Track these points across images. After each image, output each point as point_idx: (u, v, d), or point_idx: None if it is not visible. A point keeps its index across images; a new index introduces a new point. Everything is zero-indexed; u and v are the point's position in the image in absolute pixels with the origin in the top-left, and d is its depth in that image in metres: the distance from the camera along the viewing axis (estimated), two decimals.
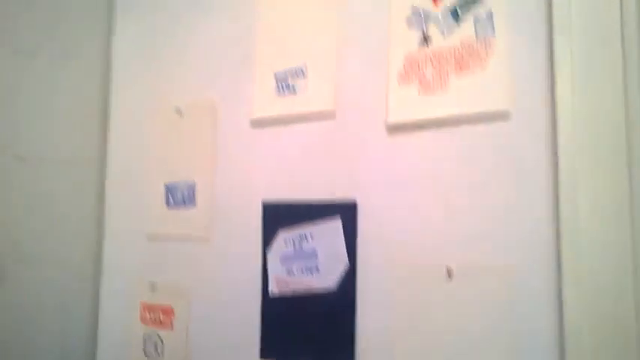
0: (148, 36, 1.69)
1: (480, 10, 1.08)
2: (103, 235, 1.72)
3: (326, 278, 1.23)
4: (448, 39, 1.11)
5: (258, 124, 1.41)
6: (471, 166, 1.09)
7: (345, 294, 1.20)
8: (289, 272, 1.29)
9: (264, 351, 1.32)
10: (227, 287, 1.41)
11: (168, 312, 1.52)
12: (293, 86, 1.35)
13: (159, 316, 1.54)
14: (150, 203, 1.61)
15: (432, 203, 1.12)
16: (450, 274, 1.07)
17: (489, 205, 1.06)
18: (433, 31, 1.13)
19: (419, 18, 1.15)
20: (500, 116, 1.05)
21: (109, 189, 1.74)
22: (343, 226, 1.21)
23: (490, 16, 1.07)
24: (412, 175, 1.15)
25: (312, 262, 1.25)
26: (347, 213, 1.21)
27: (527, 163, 1.03)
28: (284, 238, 1.31)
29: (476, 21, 1.08)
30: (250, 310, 1.34)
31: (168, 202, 1.57)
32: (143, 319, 1.57)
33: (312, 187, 1.29)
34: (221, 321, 1.41)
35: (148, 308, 1.56)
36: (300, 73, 1.34)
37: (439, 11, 1.13)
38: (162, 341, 1.52)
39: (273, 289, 1.31)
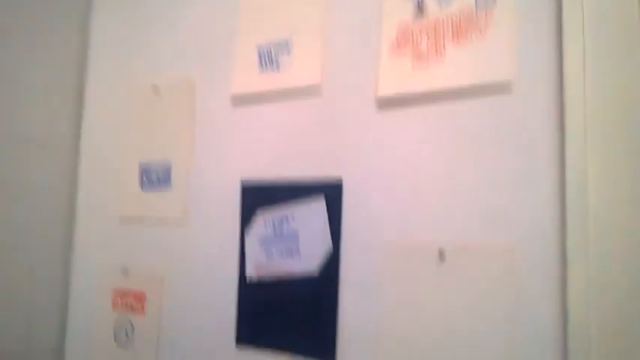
0: (128, 11, 1.62)
1: None
2: (75, 218, 1.64)
3: (307, 262, 1.16)
4: (445, 9, 1.05)
5: (239, 101, 1.33)
6: (467, 141, 1.02)
7: (328, 278, 1.13)
8: (268, 255, 1.22)
9: (240, 338, 1.24)
10: (202, 271, 1.33)
11: (140, 297, 1.44)
12: (277, 62, 1.28)
13: (131, 301, 1.46)
14: (123, 185, 1.53)
15: (424, 181, 1.06)
16: (442, 255, 1.01)
17: (488, 182, 0.99)
18: (429, 0, 1.06)
19: None
20: (501, 88, 0.98)
21: (81, 170, 1.66)
22: (327, 207, 1.15)
23: None
24: (403, 152, 1.09)
25: (293, 245, 1.18)
26: (332, 192, 1.15)
27: (531, 138, 0.96)
28: (264, 220, 1.23)
29: None
30: (226, 295, 1.27)
31: (142, 184, 1.49)
32: (114, 305, 1.49)
33: (295, 166, 1.22)
34: (195, 306, 1.33)
35: (120, 294, 1.49)
36: (284, 46, 1.27)
37: None
38: (133, 327, 1.44)
39: (251, 273, 1.24)
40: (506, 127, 0.98)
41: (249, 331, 1.23)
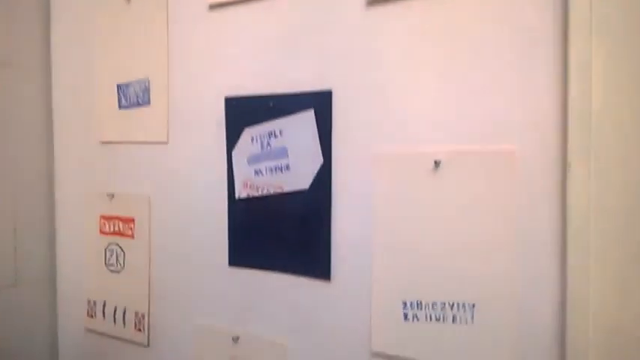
0: None
1: None
2: (53, 145, 1.57)
3: (298, 178, 1.12)
4: None
5: (217, 8, 1.23)
6: (463, 38, 0.95)
7: (320, 193, 1.09)
8: (257, 173, 1.17)
9: (233, 258, 1.23)
10: (190, 193, 1.29)
11: (128, 221, 1.41)
12: None
13: (119, 226, 1.43)
14: (101, 106, 1.46)
15: (419, 85, 0.99)
16: (437, 163, 0.97)
17: (486, 82, 0.93)
18: None
19: None
20: None
21: (55, 94, 1.57)
22: (316, 119, 1.09)
23: None
24: (395, 55, 1.01)
25: (282, 161, 1.14)
26: (321, 103, 1.08)
27: (531, 31, 0.89)
28: (250, 136, 1.18)
29: None
30: (216, 216, 1.24)
31: (120, 104, 1.41)
32: (102, 231, 1.46)
33: (280, 77, 1.14)
34: (185, 228, 1.31)
35: (107, 219, 1.45)
36: None
37: None
38: (123, 251, 1.42)
39: (241, 192, 1.20)
40: (505, 20, 0.91)
41: (241, 252, 1.21)
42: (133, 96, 1.38)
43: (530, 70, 0.89)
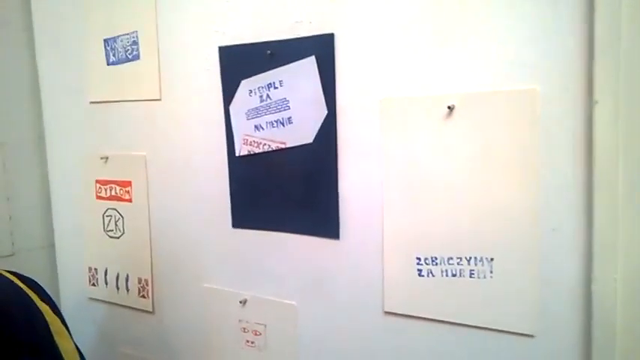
0: None
1: None
2: (41, 109, 1.49)
3: (301, 131, 1.05)
4: None
5: None
6: None
7: (325, 146, 1.03)
8: (258, 128, 1.10)
9: (236, 220, 1.17)
10: (187, 152, 1.23)
11: (124, 185, 1.35)
12: None
13: (115, 190, 1.37)
14: (88, 64, 1.37)
15: (431, 24, 0.91)
16: (451, 108, 0.90)
17: (505, 20, 0.85)
18: None
19: None
20: None
21: (39, 53, 1.47)
22: (319, 66, 1.01)
23: None
24: None
25: (283, 114, 1.06)
26: (322, 49, 1.00)
27: None
28: (248, 89, 1.10)
29: None
30: (217, 176, 1.18)
31: (108, 60, 1.33)
32: (99, 196, 1.40)
33: (278, 21, 1.05)
34: (185, 190, 1.25)
35: (103, 183, 1.39)
36: None
37: None
38: (122, 216, 1.36)
39: (241, 149, 1.13)
40: None
41: (245, 210, 1.16)
42: (121, 51, 1.30)
43: (553, 5, 0.81)
